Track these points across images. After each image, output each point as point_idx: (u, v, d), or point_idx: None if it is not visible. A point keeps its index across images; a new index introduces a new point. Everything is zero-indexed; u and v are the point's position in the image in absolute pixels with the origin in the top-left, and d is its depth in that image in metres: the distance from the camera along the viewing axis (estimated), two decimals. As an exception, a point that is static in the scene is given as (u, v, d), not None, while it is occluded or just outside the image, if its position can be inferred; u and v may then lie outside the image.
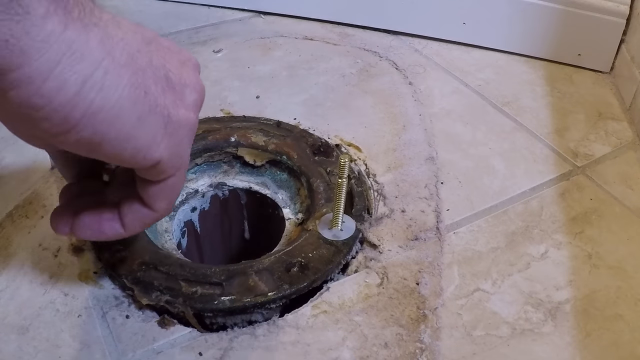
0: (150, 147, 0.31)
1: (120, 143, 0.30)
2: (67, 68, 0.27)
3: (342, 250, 0.45)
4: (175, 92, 0.33)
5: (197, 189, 0.54)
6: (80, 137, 0.29)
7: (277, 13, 0.78)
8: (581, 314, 0.43)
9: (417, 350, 0.40)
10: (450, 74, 0.69)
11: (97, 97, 0.28)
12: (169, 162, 0.33)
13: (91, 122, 0.28)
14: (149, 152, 0.31)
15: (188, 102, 0.34)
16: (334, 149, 0.55)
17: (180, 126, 0.33)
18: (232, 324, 0.42)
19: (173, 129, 0.32)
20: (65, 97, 0.27)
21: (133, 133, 0.30)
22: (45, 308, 0.42)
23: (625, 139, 0.60)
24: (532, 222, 0.51)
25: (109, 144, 0.30)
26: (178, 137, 0.33)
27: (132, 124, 0.30)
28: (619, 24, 0.68)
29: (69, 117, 0.28)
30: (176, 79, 0.33)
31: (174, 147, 0.33)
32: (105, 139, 0.29)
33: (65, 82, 0.27)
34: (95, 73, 0.28)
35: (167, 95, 0.32)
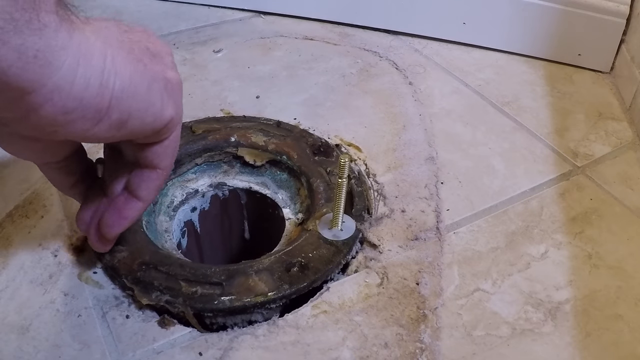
0: (163, 109, 0.35)
1: (142, 114, 0.34)
2: (86, 67, 0.30)
3: (342, 250, 0.45)
4: (158, 59, 0.36)
5: (197, 189, 0.54)
6: (112, 122, 0.32)
7: (277, 13, 0.78)
8: (581, 314, 0.43)
9: (417, 350, 0.40)
10: (450, 74, 0.69)
11: (116, 81, 0.31)
12: (176, 117, 0.37)
13: (118, 103, 0.32)
14: (163, 114, 0.36)
15: (169, 64, 0.38)
16: (334, 149, 0.55)
17: (175, 85, 0.37)
18: (232, 324, 0.42)
19: (171, 89, 0.36)
20: (93, 92, 0.30)
21: (148, 101, 0.34)
22: (45, 308, 0.42)
23: (625, 139, 0.60)
24: (532, 222, 0.51)
25: (134, 118, 0.33)
26: (176, 94, 0.37)
27: (145, 94, 0.34)
28: (619, 24, 0.68)
29: (100, 107, 0.31)
30: (154, 49, 0.36)
31: (177, 103, 0.37)
32: (131, 114, 0.33)
33: (89, 79, 0.30)
34: (106, 62, 0.31)
35: (155, 63, 0.36)
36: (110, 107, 0.31)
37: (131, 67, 0.33)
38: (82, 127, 0.31)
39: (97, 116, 0.31)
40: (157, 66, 0.36)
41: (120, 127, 0.33)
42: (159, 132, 0.36)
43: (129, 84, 0.32)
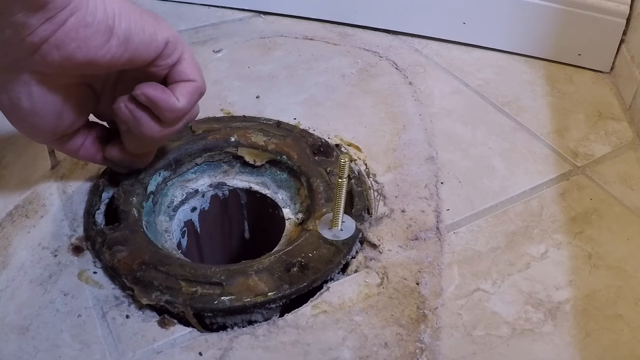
0: (157, 32, 0.41)
1: (140, 33, 0.40)
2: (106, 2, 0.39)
3: (342, 250, 0.45)
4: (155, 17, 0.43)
5: (197, 189, 0.54)
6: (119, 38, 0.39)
7: (277, 13, 0.78)
8: (581, 314, 0.43)
9: (417, 350, 0.40)
10: (450, 73, 0.69)
11: (114, 6, 0.39)
12: (174, 38, 0.43)
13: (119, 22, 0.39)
14: (158, 34, 0.41)
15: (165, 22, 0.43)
16: (334, 149, 0.55)
17: (163, 20, 0.43)
18: (232, 324, 0.42)
19: (162, 20, 0.43)
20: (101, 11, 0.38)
21: (142, 24, 0.41)
22: (45, 308, 0.42)
23: (625, 139, 0.60)
24: (532, 222, 0.51)
25: (134, 35, 0.40)
26: (165, 25, 0.43)
27: (139, 19, 0.40)
28: (619, 24, 0.68)
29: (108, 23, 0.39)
30: (148, 13, 0.43)
31: (171, 29, 0.43)
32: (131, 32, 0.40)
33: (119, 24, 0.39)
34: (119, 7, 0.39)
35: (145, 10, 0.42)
36: (114, 25, 0.39)
37: (134, 10, 0.41)
38: (99, 42, 0.38)
39: (108, 31, 0.39)
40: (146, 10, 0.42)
41: (127, 44, 0.40)
42: (163, 53, 0.42)
43: (125, 9, 0.40)
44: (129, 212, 0.48)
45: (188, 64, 0.44)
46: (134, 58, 0.41)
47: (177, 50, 0.43)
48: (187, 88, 0.44)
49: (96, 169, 0.52)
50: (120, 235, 0.45)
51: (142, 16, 0.41)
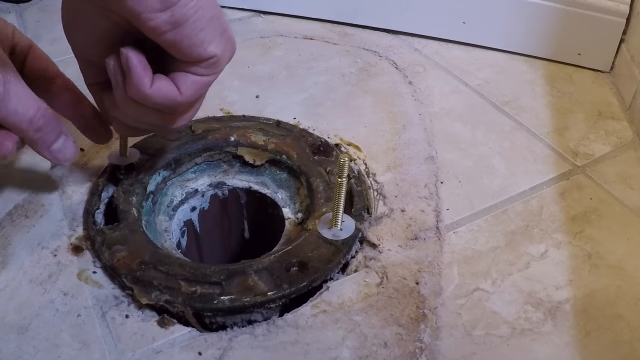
0: (211, 41, 0.40)
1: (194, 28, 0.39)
2: None
3: (342, 250, 0.45)
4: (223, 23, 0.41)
5: (196, 189, 0.54)
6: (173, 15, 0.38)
7: (277, 12, 0.78)
8: (581, 314, 0.43)
9: (417, 349, 0.40)
10: (450, 73, 0.69)
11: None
12: (222, 57, 0.41)
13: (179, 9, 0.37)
14: (210, 45, 0.40)
15: (230, 32, 0.42)
16: (333, 149, 0.55)
17: (228, 40, 0.42)
18: (232, 324, 0.42)
19: (225, 38, 0.41)
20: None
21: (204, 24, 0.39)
22: (45, 308, 0.42)
23: (625, 139, 0.60)
24: (532, 221, 0.51)
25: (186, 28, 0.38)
26: (225, 45, 0.42)
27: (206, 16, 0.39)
28: (618, 24, 0.67)
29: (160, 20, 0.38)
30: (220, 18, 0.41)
31: (222, 51, 0.41)
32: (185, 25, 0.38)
33: None
34: None
35: (222, 20, 0.41)
36: (178, 2, 0.37)
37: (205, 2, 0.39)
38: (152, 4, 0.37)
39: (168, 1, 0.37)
40: (223, 22, 0.41)
41: (174, 28, 0.38)
42: (202, 62, 0.41)
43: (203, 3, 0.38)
44: (128, 211, 0.48)
45: (206, 83, 0.43)
46: (175, 45, 0.39)
47: (216, 68, 0.42)
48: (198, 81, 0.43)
49: (96, 169, 0.52)
50: (119, 235, 0.46)
51: (212, 20, 0.40)
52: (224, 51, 0.42)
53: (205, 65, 0.41)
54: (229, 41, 0.42)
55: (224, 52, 0.42)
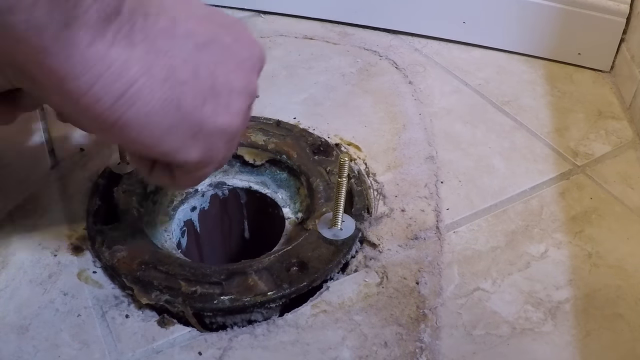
0: (178, 151, 0.34)
1: (148, 147, 0.33)
2: (103, 87, 0.30)
3: (342, 250, 0.45)
4: (219, 100, 0.34)
5: (196, 189, 0.54)
6: (112, 137, 0.33)
7: (277, 12, 0.78)
8: (581, 313, 0.43)
9: (417, 349, 0.40)
10: (450, 73, 0.69)
11: (128, 111, 0.31)
12: (198, 163, 0.35)
13: (120, 129, 0.31)
14: (176, 155, 0.34)
15: (233, 109, 0.35)
16: (333, 148, 0.55)
17: (215, 133, 0.34)
18: (232, 324, 0.42)
19: (204, 137, 0.34)
20: (99, 109, 0.30)
21: (160, 140, 0.33)
22: (45, 307, 0.42)
23: (625, 138, 0.60)
24: (532, 221, 0.51)
25: (138, 145, 0.33)
26: (210, 143, 0.35)
27: (160, 133, 0.32)
28: (619, 23, 0.67)
29: (104, 122, 0.31)
30: (223, 86, 0.34)
31: (205, 151, 0.35)
32: (135, 142, 0.33)
33: (100, 99, 0.30)
34: (129, 90, 0.30)
35: (207, 106, 0.33)
36: (111, 128, 0.31)
37: (155, 105, 0.31)
38: (85, 125, 0.34)
39: (100, 126, 0.32)
40: (204, 110, 0.33)
41: (122, 140, 0.34)
42: (178, 162, 0.35)
43: (140, 119, 0.31)
44: (128, 211, 0.47)
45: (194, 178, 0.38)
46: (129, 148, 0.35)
47: (194, 170, 0.36)
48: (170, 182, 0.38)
49: (96, 169, 0.52)
50: (119, 234, 0.45)
51: (175, 129, 0.32)
52: (205, 156, 0.35)
53: (188, 167, 0.36)
54: (212, 142, 0.34)
55: (206, 156, 0.35)
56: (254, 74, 0.37)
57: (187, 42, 0.32)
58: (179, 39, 0.32)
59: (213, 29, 0.34)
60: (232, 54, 0.35)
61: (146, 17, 0.30)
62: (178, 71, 0.32)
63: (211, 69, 0.33)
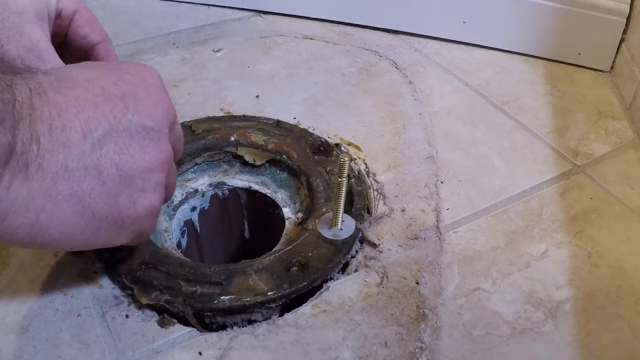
0: (112, 241, 0.36)
1: (83, 246, 0.36)
2: (13, 222, 0.31)
3: (342, 250, 0.45)
4: (132, 189, 0.34)
5: (196, 189, 0.54)
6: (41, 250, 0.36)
7: (277, 12, 0.78)
8: (581, 313, 0.43)
9: (417, 349, 0.40)
10: (450, 73, 0.69)
11: (47, 234, 0.32)
12: (133, 241, 0.38)
13: (48, 246, 0.33)
14: (112, 244, 0.36)
15: (149, 188, 0.35)
16: (333, 148, 0.55)
17: (138, 219, 0.36)
18: (232, 324, 0.42)
19: (130, 225, 0.35)
20: (18, 239, 0.32)
21: (90, 242, 0.35)
22: (45, 307, 0.42)
23: (625, 138, 0.60)
24: (532, 221, 0.50)
25: (75, 248, 0.37)
26: (138, 226, 0.36)
27: (87, 238, 0.34)
28: (619, 23, 0.67)
29: (30, 246, 0.33)
30: (133, 172, 0.34)
31: (137, 234, 0.37)
32: (69, 248, 0.37)
33: (14, 231, 0.31)
34: (39, 218, 0.31)
35: (120, 200, 0.34)
36: (40, 245, 0.33)
37: (70, 222, 0.32)
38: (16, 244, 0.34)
39: (29, 247, 0.34)
40: (120, 204, 0.34)
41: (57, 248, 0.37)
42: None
43: (64, 233, 0.33)
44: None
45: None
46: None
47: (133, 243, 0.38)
48: None
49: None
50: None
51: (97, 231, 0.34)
52: (137, 235, 0.37)
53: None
54: (139, 223, 0.36)
55: (138, 235, 0.37)
56: (163, 137, 0.36)
57: (83, 146, 0.32)
58: (73, 147, 0.31)
59: (108, 113, 0.33)
60: (133, 133, 0.34)
61: (38, 142, 0.30)
62: (81, 182, 0.32)
63: (115, 162, 0.33)
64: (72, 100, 0.32)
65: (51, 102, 0.31)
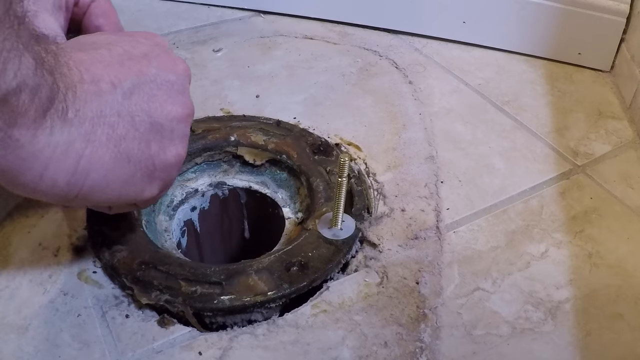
0: (141, 193, 0.37)
1: (114, 199, 0.36)
2: (54, 170, 0.31)
3: (342, 250, 0.45)
4: (162, 136, 0.36)
5: (196, 189, 0.54)
6: (80, 204, 0.35)
7: (277, 12, 0.78)
8: (581, 313, 0.43)
9: (417, 349, 0.40)
10: (450, 73, 0.69)
11: (86, 181, 0.33)
12: (159, 194, 0.39)
13: (85, 196, 0.34)
14: (141, 197, 0.37)
15: (176, 137, 0.37)
16: (333, 148, 0.55)
17: (168, 167, 0.37)
18: (232, 324, 0.42)
19: (160, 172, 0.37)
20: (59, 190, 0.32)
21: (123, 192, 0.35)
22: (45, 307, 0.42)
23: (625, 138, 0.60)
24: (532, 221, 0.50)
25: (105, 201, 0.36)
26: (167, 175, 0.38)
27: (121, 187, 0.35)
28: (619, 23, 0.67)
29: (67, 198, 0.33)
30: (162, 119, 0.36)
31: (164, 183, 0.38)
32: (101, 201, 0.35)
33: (55, 181, 0.32)
34: (80, 163, 0.32)
35: (152, 145, 0.36)
36: (76, 198, 0.33)
37: (108, 166, 0.33)
38: (53, 201, 0.34)
39: (65, 201, 0.34)
40: (152, 150, 0.36)
41: (88, 205, 0.37)
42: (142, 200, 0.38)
43: (99, 182, 0.34)
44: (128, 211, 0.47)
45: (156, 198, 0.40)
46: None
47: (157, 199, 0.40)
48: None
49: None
50: (120, 234, 0.45)
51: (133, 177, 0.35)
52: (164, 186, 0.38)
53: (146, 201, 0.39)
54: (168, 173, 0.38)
55: (166, 186, 0.38)
56: (186, 91, 0.39)
57: (115, 95, 0.33)
58: (106, 95, 0.33)
59: (133, 68, 0.35)
60: (159, 84, 0.36)
61: (74, 90, 0.31)
62: (116, 128, 0.33)
63: (145, 109, 0.35)
64: (98, 57, 0.34)
65: (76, 59, 0.32)
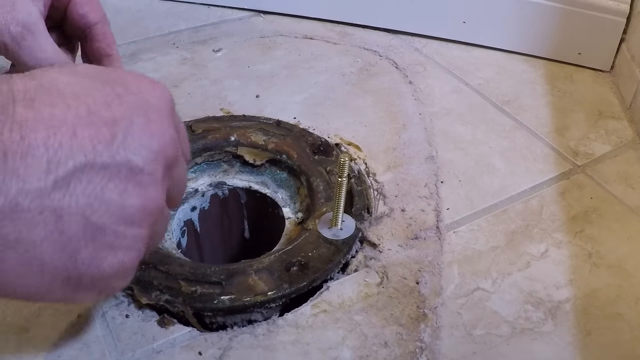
0: (70, 300, 0.29)
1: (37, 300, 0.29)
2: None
3: (342, 250, 0.45)
4: (99, 242, 0.27)
5: (196, 188, 0.54)
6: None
7: (277, 12, 0.78)
8: (581, 313, 0.43)
9: (417, 349, 0.40)
10: (450, 72, 0.69)
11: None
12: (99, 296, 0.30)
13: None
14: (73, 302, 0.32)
15: (123, 243, 0.28)
16: (333, 148, 0.55)
17: (102, 278, 0.28)
18: (232, 324, 0.42)
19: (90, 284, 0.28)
20: None
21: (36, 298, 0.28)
22: (45, 308, 0.42)
23: (625, 138, 0.60)
24: (532, 221, 0.50)
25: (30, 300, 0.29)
26: (104, 285, 0.29)
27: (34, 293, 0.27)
28: (619, 23, 0.67)
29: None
30: (105, 222, 0.27)
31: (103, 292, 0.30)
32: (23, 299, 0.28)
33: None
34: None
35: (80, 253, 0.27)
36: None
37: (18, 270, 0.26)
38: None
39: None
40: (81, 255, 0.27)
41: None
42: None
43: (8, 285, 0.26)
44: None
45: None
46: None
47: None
48: None
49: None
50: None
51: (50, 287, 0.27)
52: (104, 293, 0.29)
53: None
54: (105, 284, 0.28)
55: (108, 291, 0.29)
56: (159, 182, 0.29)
57: (44, 181, 0.25)
58: (31, 181, 0.25)
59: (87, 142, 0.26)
60: (118, 170, 0.27)
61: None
62: (32, 227, 0.25)
63: (82, 206, 0.26)
64: (46, 119, 0.25)
65: (17, 119, 0.25)
